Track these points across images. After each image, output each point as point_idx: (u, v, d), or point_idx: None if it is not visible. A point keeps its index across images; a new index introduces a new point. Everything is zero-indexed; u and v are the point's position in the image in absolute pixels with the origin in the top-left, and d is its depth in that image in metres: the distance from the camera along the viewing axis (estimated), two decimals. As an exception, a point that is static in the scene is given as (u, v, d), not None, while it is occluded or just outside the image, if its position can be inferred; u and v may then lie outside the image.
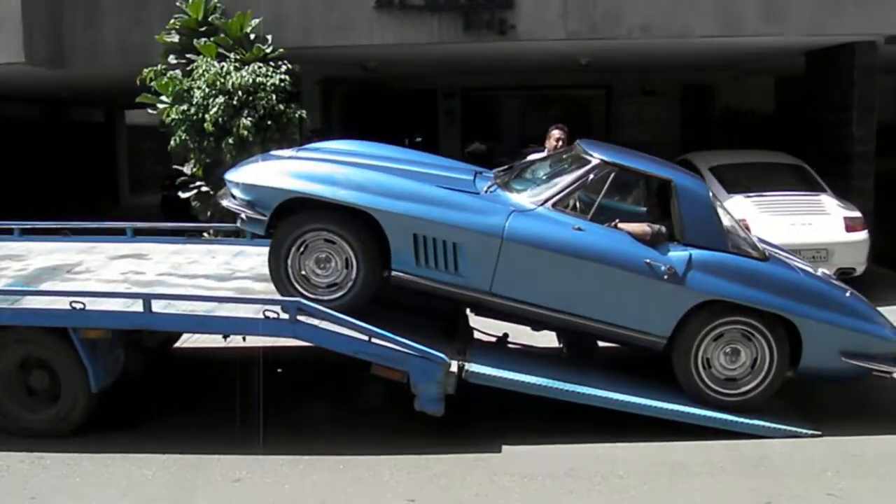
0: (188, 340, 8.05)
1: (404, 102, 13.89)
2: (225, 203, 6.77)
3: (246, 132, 8.48)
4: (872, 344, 6.55)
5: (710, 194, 6.88)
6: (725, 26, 9.40)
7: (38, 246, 8.32)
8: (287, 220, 6.42)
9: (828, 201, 9.78)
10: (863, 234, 9.45)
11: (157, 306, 6.09)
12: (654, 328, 6.43)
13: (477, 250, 6.31)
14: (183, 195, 9.47)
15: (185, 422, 6.73)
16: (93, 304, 6.10)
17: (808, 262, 8.07)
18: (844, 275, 8.84)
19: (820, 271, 7.23)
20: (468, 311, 7.20)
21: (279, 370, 7.87)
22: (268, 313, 6.03)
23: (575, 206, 6.70)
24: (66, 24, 10.42)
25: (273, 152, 7.42)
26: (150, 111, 9.46)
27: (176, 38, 9.41)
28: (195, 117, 8.64)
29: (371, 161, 6.98)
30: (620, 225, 6.53)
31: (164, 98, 9.22)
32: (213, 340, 7.78)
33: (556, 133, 8.78)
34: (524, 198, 6.55)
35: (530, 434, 6.30)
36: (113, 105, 20.23)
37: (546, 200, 6.47)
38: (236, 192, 6.59)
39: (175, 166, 9.61)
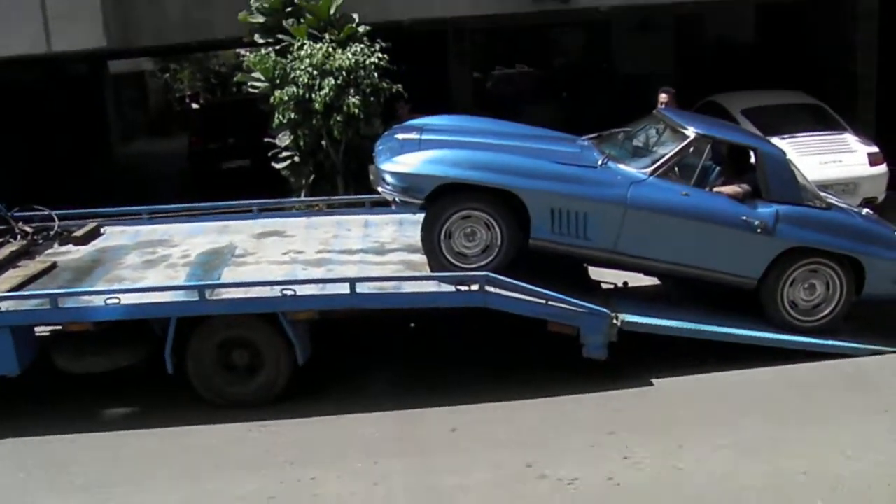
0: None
1: (414, 46, 14.61)
2: (380, 189, 7.67)
3: (356, 110, 9.28)
4: None
5: (788, 157, 8.07)
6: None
7: (172, 228, 9.06)
8: (438, 202, 7.38)
9: (851, 139, 11.05)
10: (883, 168, 10.78)
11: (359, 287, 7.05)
12: (750, 272, 7.71)
13: (604, 218, 7.46)
14: (277, 166, 10.20)
15: (366, 381, 7.70)
16: (300, 290, 7.03)
17: (839, 195, 9.46)
18: (869, 203, 10.20)
19: (865, 211, 8.55)
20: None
21: (412, 325, 8.88)
22: (460, 287, 7.07)
23: (675, 172, 7.75)
24: (128, 2, 10.84)
25: (399, 135, 8.23)
26: (250, 89, 10.07)
27: (261, 19, 10.01)
28: (303, 97, 9.35)
29: (491, 140, 7.96)
30: (717, 189, 7.76)
31: (256, 76, 9.89)
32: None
33: (662, 96, 9.91)
34: (636, 169, 7.63)
35: (668, 367, 7.48)
36: (99, 56, 20.20)
37: (656, 170, 7.58)
38: (390, 179, 7.47)
39: (267, 139, 10.30)
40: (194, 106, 31.22)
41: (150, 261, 8.08)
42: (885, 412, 6.69)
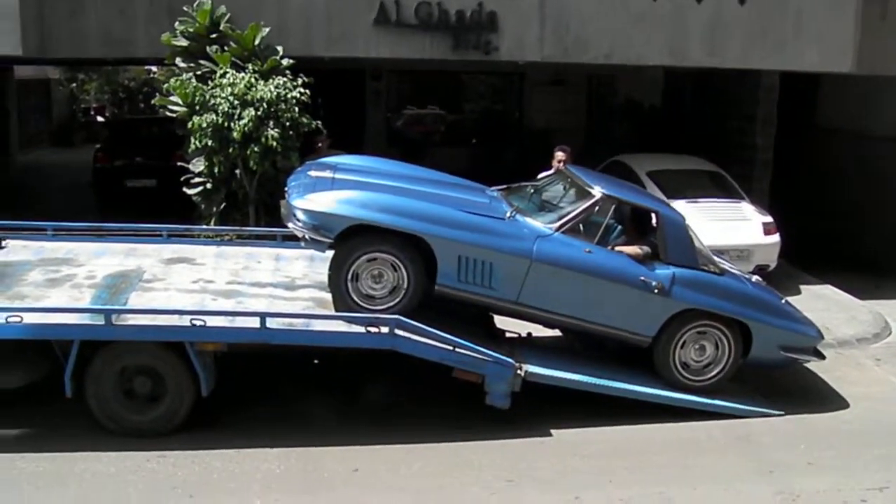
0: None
1: (332, 82, 14.74)
2: (290, 225, 7.68)
3: (274, 143, 9.30)
4: (800, 340, 8.43)
5: (686, 222, 8.45)
6: (674, 56, 11.06)
7: (77, 247, 8.85)
8: (347, 243, 7.45)
9: (747, 208, 11.62)
10: (776, 237, 11.35)
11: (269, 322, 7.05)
12: (645, 330, 8.00)
13: (509, 269, 7.64)
14: (189, 192, 10.11)
15: (268, 416, 7.68)
16: (210, 321, 7.00)
17: (733, 260, 9.94)
18: (761, 270, 10.73)
19: (755, 278, 8.99)
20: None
21: (316, 361, 8.86)
22: (370, 328, 7.14)
23: (580, 229, 8.01)
24: (49, 12, 10.64)
25: (312, 172, 8.30)
26: (168, 113, 9.97)
27: (184, 43, 9.96)
28: (222, 126, 9.33)
29: (404, 184, 8.11)
30: (618, 248, 8.06)
31: (174, 99, 9.81)
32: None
33: (559, 154, 10.17)
34: (542, 224, 7.86)
35: (565, 419, 7.69)
36: (6, 60, 19.53)
37: (561, 227, 7.83)
38: (301, 216, 7.48)
39: (181, 163, 10.21)
40: (99, 119, 30.63)
41: (53, 279, 7.89)
42: (771, 473, 7.02)
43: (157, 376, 7.17)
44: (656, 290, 7.84)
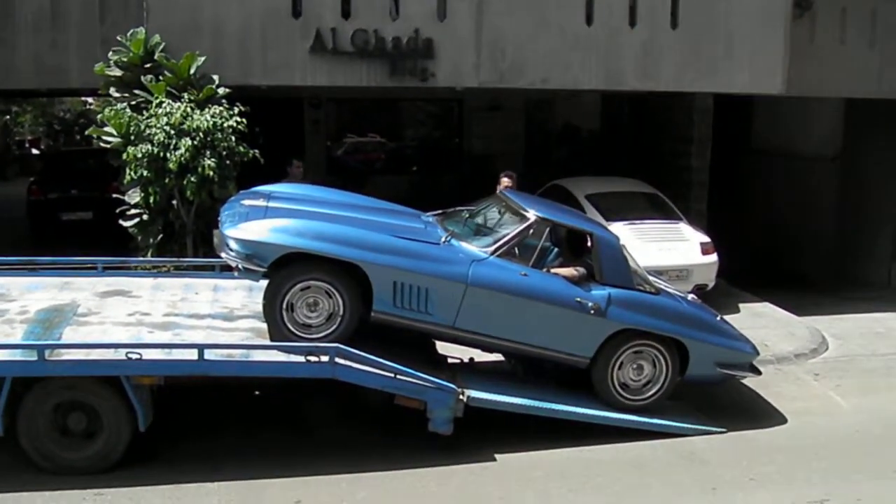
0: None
1: (270, 110, 14.67)
2: (223, 255, 7.60)
3: (211, 172, 9.20)
4: (736, 356, 8.57)
5: (621, 242, 8.54)
6: (609, 81, 11.21)
7: (10, 282, 8.63)
8: (281, 271, 7.37)
9: (685, 229, 11.77)
10: (714, 257, 11.50)
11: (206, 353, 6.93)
12: (582, 351, 8.04)
13: (445, 294, 7.63)
14: (125, 223, 9.94)
15: (207, 449, 7.55)
16: (146, 354, 6.86)
17: (672, 280, 10.06)
18: (699, 290, 10.88)
19: (690, 296, 9.12)
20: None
21: (256, 392, 8.75)
22: (310, 357, 7.06)
23: (515, 252, 8.02)
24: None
25: (245, 201, 8.24)
26: (102, 144, 9.81)
27: (118, 72, 9.83)
28: (157, 156, 9.21)
29: (337, 211, 8.07)
30: (554, 270, 8.11)
31: (108, 130, 9.66)
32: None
33: (505, 180, 10.24)
34: (478, 248, 7.87)
35: (509, 443, 7.67)
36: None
37: (496, 250, 7.84)
38: (234, 245, 7.39)
39: (116, 195, 10.04)
40: (34, 151, 30.24)
41: (-16, 315, 7.71)
42: (714, 490, 7.09)
43: (92, 412, 7.00)
44: (592, 311, 7.90)
